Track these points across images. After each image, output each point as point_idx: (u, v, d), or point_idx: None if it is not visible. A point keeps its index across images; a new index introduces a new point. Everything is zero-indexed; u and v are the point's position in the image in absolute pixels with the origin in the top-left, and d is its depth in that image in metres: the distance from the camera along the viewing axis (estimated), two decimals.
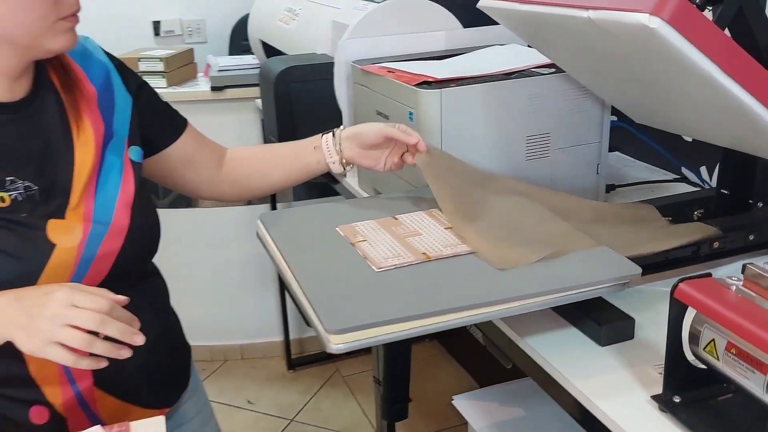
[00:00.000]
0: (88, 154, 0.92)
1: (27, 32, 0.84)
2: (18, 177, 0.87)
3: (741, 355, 0.70)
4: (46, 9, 0.84)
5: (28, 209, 0.87)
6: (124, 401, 0.98)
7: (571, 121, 1.27)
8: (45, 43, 0.86)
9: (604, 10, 0.83)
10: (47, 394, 0.92)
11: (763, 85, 0.83)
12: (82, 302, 0.79)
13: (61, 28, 0.86)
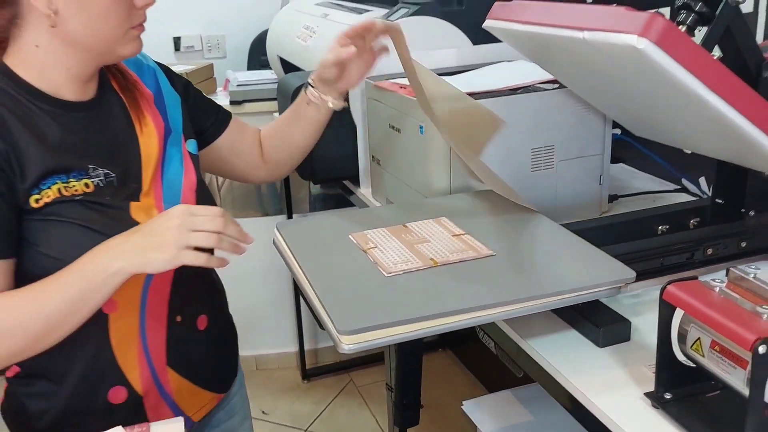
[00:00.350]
0: (153, 146, 1.03)
1: (104, 40, 0.95)
2: (98, 165, 0.97)
3: (723, 352, 0.75)
4: (122, 19, 0.94)
5: (110, 193, 0.97)
6: (190, 381, 1.08)
7: (574, 134, 1.32)
8: (117, 50, 0.97)
9: (597, 30, 0.89)
10: (128, 375, 1.02)
11: (748, 102, 0.89)
12: (200, 212, 0.90)
13: (132, 36, 0.97)
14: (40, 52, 0.94)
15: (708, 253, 1.09)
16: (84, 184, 0.95)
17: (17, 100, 0.94)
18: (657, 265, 1.07)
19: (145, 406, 1.05)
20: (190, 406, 1.11)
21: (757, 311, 0.73)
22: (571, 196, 1.35)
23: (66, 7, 0.90)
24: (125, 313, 1.00)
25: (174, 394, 1.07)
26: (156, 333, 1.04)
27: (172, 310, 1.05)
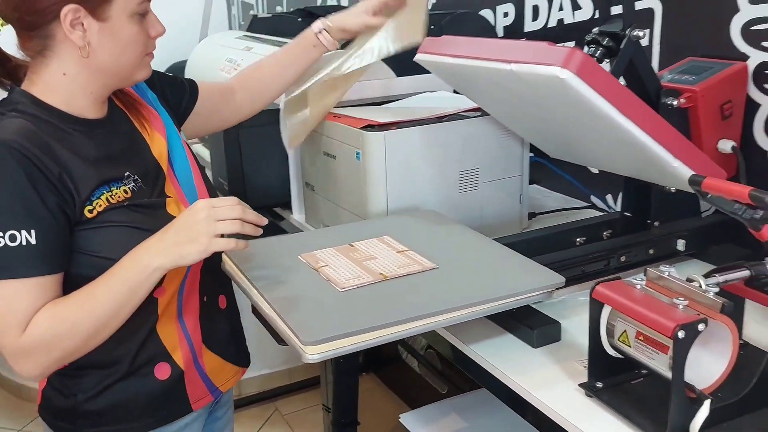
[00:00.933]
0: (161, 144, 1.15)
1: (126, 67, 1.06)
2: (130, 172, 1.07)
3: (647, 341, 0.86)
4: (141, 48, 1.05)
5: (143, 195, 1.07)
6: (221, 357, 1.20)
7: (496, 157, 1.44)
8: (134, 75, 1.09)
9: (523, 63, 1.01)
10: (172, 354, 1.12)
11: (653, 123, 1.02)
12: (221, 203, 1.00)
13: (146, 62, 1.09)
14: (67, 80, 1.04)
15: (622, 260, 1.22)
16: (123, 190, 1.05)
17: (54, 125, 1.02)
18: (578, 272, 1.19)
19: (185, 381, 1.14)
20: (219, 379, 1.21)
21: (674, 303, 0.84)
22: (495, 214, 1.46)
23: (98, 40, 1.01)
24: (169, 297, 1.10)
25: (207, 369, 1.18)
26: (191, 314, 1.15)
27: (201, 291, 1.16)
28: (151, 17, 1.07)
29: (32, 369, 0.99)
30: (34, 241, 0.95)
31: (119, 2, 1.00)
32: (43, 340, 0.96)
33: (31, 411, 2.82)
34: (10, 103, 1.03)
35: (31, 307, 0.96)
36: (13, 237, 0.94)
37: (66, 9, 0.98)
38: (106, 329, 1.00)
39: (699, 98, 1.19)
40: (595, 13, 1.57)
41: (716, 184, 0.90)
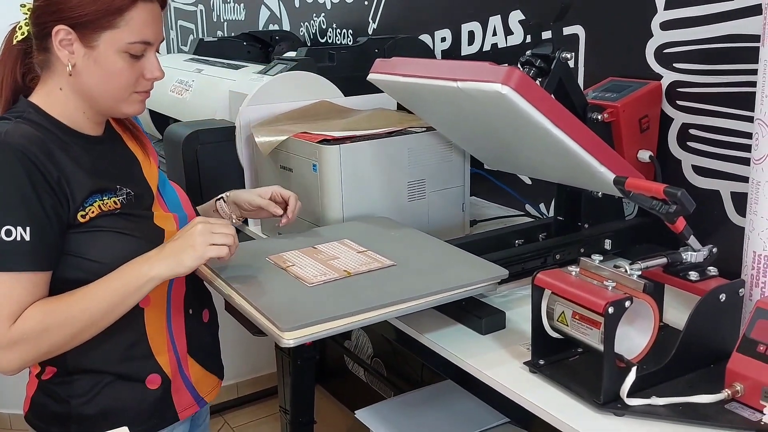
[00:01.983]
0: (153, 170, 1.20)
1: (111, 98, 1.11)
2: (121, 185, 1.14)
3: (582, 319, 0.99)
4: (129, 84, 1.10)
5: (133, 207, 1.15)
6: (202, 366, 1.27)
7: (440, 169, 1.57)
8: (121, 108, 1.13)
9: (468, 81, 1.14)
10: (160, 362, 1.19)
11: (581, 134, 1.16)
12: (214, 221, 1.11)
13: (135, 99, 1.13)
14: (63, 95, 1.12)
15: (557, 258, 1.35)
16: (113, 201, 1.12)
17: (55, 135, 1.08)
18: (519, 269, 1.32)
19: (172, 390, 1.21)
20: (203, 389, 1.28)
21: (603, 285, 0.98)
22: (440, 221, 1.59)
23: (83, 63, 1.08)
24: (156, 307, 1.16)
25: (192, 378, 1.25)
26: (177, 324, 1.22)
27: (186, 304, 1.22)
28: (150, 60, 1.12)
29: (14, 361, 1.03)
30: (29, 238, 1.01)
31: (109, 35, 1.07)
32: (32, 332, 1.02)
33: None
34: (18, 112, 1.10)
35: (21, 301, 1.02)
36: (9, 232, 1.00)
37: (57, 27, 1.06)
38: (93, 329, 1.06)
39: (620, 113, 1.35)
40: (526, 38, 1.73)
41: (636, 183, 1.05)
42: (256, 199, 1.34)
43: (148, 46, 1.11)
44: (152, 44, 1.12)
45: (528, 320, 1.18)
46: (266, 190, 1.36)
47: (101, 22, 1.06)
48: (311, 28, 2.62)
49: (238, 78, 1.90)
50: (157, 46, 1.13)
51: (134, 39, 1.08)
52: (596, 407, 0.96)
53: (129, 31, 1.07)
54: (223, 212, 1.38)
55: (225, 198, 1.39)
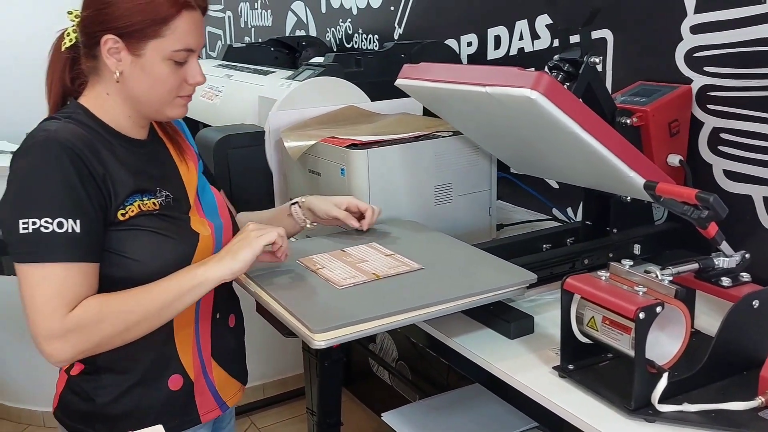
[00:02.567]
0: (192, 175, 1.26)
1: (155, 102, 1.15)
2: (161, 187, 1.17)
3: (613, 324, 0.99)
4: (172, 89, 1.14)
5: (171, 209, 1.17)
6: (226, 371, 1.28)
7: (467, 173, 1.57)
8: (165, 111, 1.18)
9: (497, 86, 1.14)
10: (183, 363, 1.20)
11: (611, 138, 1.16)
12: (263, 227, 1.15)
13: (178, 103, 1.17)
14: (110, 100, 1.15)
15: (585, 263, 1.35)
16: (152, 202, 1.15)
17: (101, 135, 1.12)
18: (547, 274, 1.32)
19: (195, 392, 1.22)
20: (226, 394, 1.28)
21: (634, 290, 0.98)
22: (466, 225, 1.59)
23: (129, 71, 1.12)
24: (187, 310, 1.16)
25: (216, 382, 1.26)
26: (204, 327, 1.23)
27: (214, 308, 1.23)
28: (193, 66, 1.15)
29: (66, 351, 1.04)
30: (79, 230, 1.04)
31: (155, 44, 1.09)
32: (88, 322, 1.04)
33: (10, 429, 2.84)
34: (67, 113, 1.14)
35: (75, 292, 1.04)
36: (61, 224, 1.03)
37: (106, 37, 1.09)
38: (146, 324, 1.08)
39: (650, 117, 1.34)
40: (553, 42, 1.73)
41: (668, 188, 1.04)
42: (333, 210, 1.34)
43: (191, 53, 1.14)
44: (195, 51, 1.14)
45: (556, 325, 1.18)
46: (342, 200, 1.35)
47: (147, 31, 1.09)
48: (337, 33, 2.63)
49: (267, 83, 1.92)
50: (198, 52, 1.16)
51: (179, 47, 1.11)
52: (627, 413, 0.96)
53: (174, 39, 1.10)
54: (298, 217, 1.38)
55: (300, 203, 1.39)
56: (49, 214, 1.03)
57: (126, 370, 1.17)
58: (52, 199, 1.04)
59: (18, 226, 1.03)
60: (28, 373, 2.83)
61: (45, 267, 1.03)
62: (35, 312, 1.03)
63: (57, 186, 1.04)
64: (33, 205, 1.03)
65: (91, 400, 1.17)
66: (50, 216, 1.03)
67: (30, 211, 1.03)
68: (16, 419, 2.90)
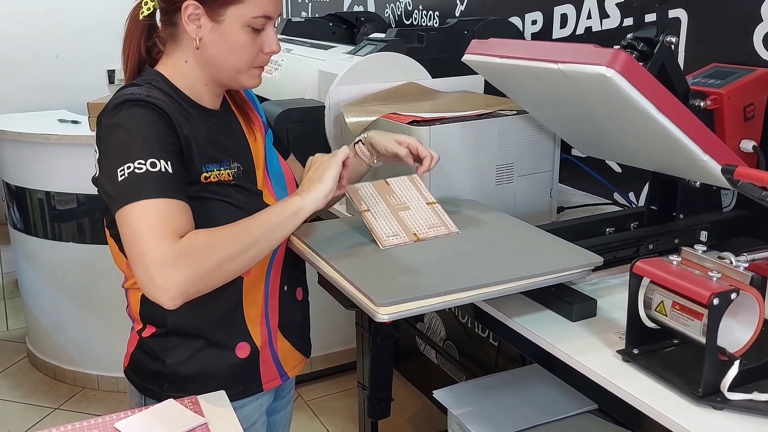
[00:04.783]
0: (260, 150, 1.28)
1: (232, 70, 1.16)
2: (233, 159, 1.19)
3: (683, 310, 0.97)
4: (249, 58, 1.15)
5: (244, 181, 1.19)
6: (290, 342, 1.31)
7: (529, 153, 1.55)
8: (241, 80, 1.18)
9: (571, 63, 1.12)
10: (251, 332, 1.23)
11: (686, 121, 1.13)
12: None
13: (253, 73, 1.18)
14: (188, 67, 1.17)
15: (650, 248, 1.32)
16: (227, 173, 1.17)
17: (179, 103, 1.14)
18: (611, 257, 1.29)
19: (260, 361, 1.26)
20: (288, 365, 1.32)
21: (708, 275, 0.95)
22: (527, 207, 1.57)
23: (209, 37, 1.13)
24: (256, 279, 1.20)
25: (279, 353, 1.29)
26: (273, 299, 1.26)
27: (282, 281, 1.28)
28: (269, 34, 1.16)
29: (179, 281, 1.00)
30: (171, 170, 1.05)
31: (234, 9, 1.11)
32: (201, 245, 1.03)
33: (66, 391, 2.93)
34: (148, 79, 1.15)
35: (181, 224, 1.04)
36: (154, 164, 1.04)
37: (187, 2, 1.11)
38: (254, 250, 1.08)
39: (724, 100, 1.30)
40: (623, 21, 1.68)
41: (748, 172, 1.01)
42: (393, 146, 1.30)
43: (269, 20, 1.15)
44: (272, 18, 1.15)
45: (619, 309, 1.17)
46: (404, 138, 1.31)
47: None
48: (396, 9, 2.62)
49: (328, 58, 1.92)
50: (275, 20, 1.16)
51: (257, 13, 1.12)
52: (694, 400, 0.94)
53: (253, 5, 1.11)
54: (362, 154, 1.37)
55: (363, 140, 1.37)
56: (142, 156, 1.04)
57: (196, 334, 1.19)
58: (143, 144, 1.05)
59: (116, 176, 1.03)
60: (84, 336, 2.92)
61: (145, 204, 1.02)
62: (145, 243, 1.00)
63: (146, 132, 1.06)
64: (126, 153, 1.04)
65: (160, 361, 1.20)
66: (142, 158, 1.03)
67: (124, 159, 1.04)
68: (71, 381, 2.99)
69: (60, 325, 2.96)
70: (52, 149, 2.73)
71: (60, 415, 2.80)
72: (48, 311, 2.97)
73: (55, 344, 3.02)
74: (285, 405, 1.44)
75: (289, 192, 1.27)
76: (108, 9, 3.52)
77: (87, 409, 2.82)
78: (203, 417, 1.08)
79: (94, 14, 3.91)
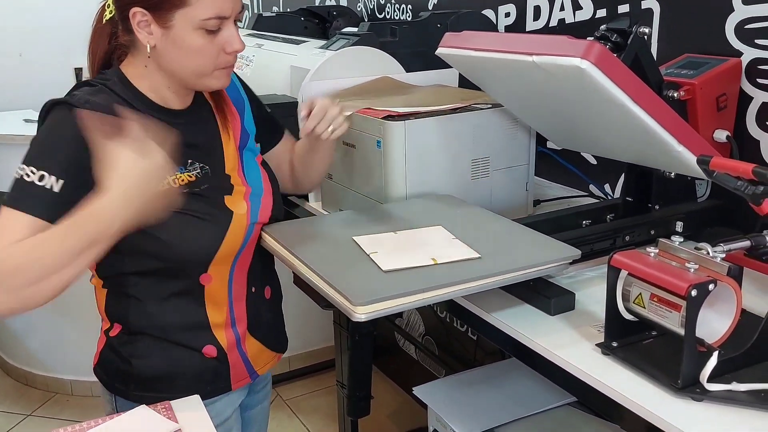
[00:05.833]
0: (233, 151, 1.24)
1: (192, 75, 1.12)
2: (194, 160, 1.16)
3: (661, 301, 0.96)
4: (209, 61, 1.10)
5: (206, 182, 1.16)
6: (262, 343, 1.29)
7: (505, 147, 1.54)
8: (205, 83, 1.15)
9: (545, 55, 1.11)
10: (217, 337, 1.21)
11: (661, 112, 1.13)
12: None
13: (218, 74, 1.12)
14: (148, 72, 1.14)
15: (626, 239, 1.32)
16: (187, 175, 1.14)
17: (134, 108, 1.11)
18: (587, 250, 1.29)
19: (229, 362, 1.24)
20: (258, 363, 1.30)
21: (685, 267, 0.95)
22: (503, 200, 1.56)
23: (162, 43, 1.09)
24: (218, 286, 1.17)
25: (249, 354, 1.27)
26: (239, 302, 1.24)
27: (249, 283, 1.25)
28: (229, 33, 1.10)
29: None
30: (58, 191, 1.01)
31: (182, 13, 1.06)
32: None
33: (38, 397, 2.87)
34: (102, 80, 1.12)
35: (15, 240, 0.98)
36: (42, 177, 1.01)
37: (134, 10, 1.07)
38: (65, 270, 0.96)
39: (697, 91, 1.31)
40: (596, 13, 1.68)
41: (723, 162, 1.01)
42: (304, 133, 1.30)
43: (224, 20, 1.10)
44: (228, 17, 1.10)
45: (597, 302, 1.17)
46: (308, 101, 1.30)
47: (172, 0, 1.06)
48: (369, 3, 2.59)
49: (300, 53, 1.89)
50: (234, 18, 1.11)
51: (208, 14, 1.07)
52: (674, 391, 0.94)
53: (202, 7, 1.07)
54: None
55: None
56: (36, 164, 1.02)
57: (160, 336, 1.18)
58: (46, 152, 1.03)
59: (16, 171, 1.03)
60: (56, 341, 2.87)
61: (16, 216, 1.00)
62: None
63: (56, 141, 1.04)
64: (29, 154, 1.04)
65: (127, 361, 1.19)
66: (36, 166, 1.02)
67: (26, 159, 1.03)
68: (43, 387, 2.93)
69: (30, 329, 2.91)
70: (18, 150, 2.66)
71: (32, 422, 2.75)
72: (18, 316, 2.91)
73: (25, 349, 2.96)
74: (261, 400, 1.43)
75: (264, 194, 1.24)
76: (72, 6, 3.45)
77: (60, 414, 2.78)
78: (176, 423, 1.06)
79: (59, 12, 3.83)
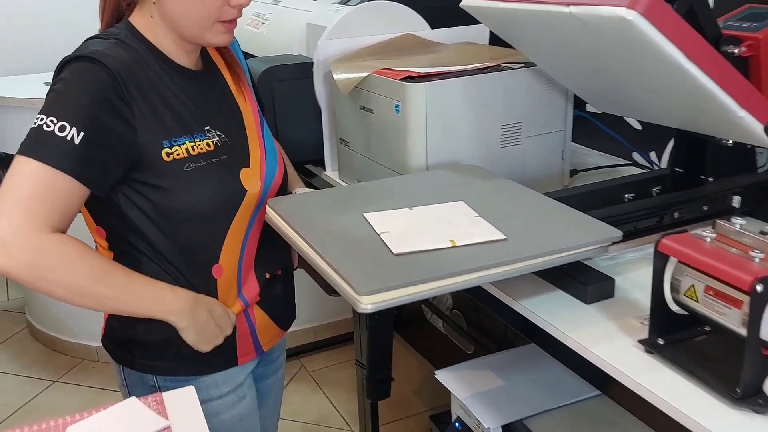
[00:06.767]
0: (251, 117, 1.19)
1: (193, 26, 1.07)
2: (212, 127, 1.11)
3: (718, 295, 0.82)
4: (212, 12, 1.06)
5: (225, 151, 1.11)
6: (269, 316, 1.25)
7: (539, 111, 1.39)
8: (205, 37, 1.09)
9: (585, 5, 0.95)
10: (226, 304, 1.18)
11: (720, 70, 0.97)
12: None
13: (219, 29, 1.09)
14: (154, 23, 1.09)
15: (675, 216, 1.17)
16: (206, 143, 1.09)
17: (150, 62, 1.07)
18: (631, 228, 1.14)
19: (236, 335, 1.19)
20: (264, 338, 1.25)
21: (749, 256, 0.80)
22: (536, 170, 1.42)
23: None
24: (228, 276, 1.16)
25: (257, 326, 1.23)
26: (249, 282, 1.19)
27: (258, 266, 1.20)
28: None
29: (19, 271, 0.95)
30: (78, 143, 0.96)
31: None
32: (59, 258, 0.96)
33: (65, 363, 2.85)
34: (115, 33, 1.07)
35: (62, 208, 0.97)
36: (63, 128, 0.96)
37: None
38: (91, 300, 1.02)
39: (762, 46, 1.13)
40: None
41: None
42: None
43: None
44: None
45: (640, 288, 1.03)
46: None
47: None
48: None
49: (317, 10, 1.75)
50: None
51: None
52: (731, 401, 0.80)
53: None
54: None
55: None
56: (56, 114, 0.97)
57: None
58: (66, 103, 0.98)
59: (34, 122, 0.98)
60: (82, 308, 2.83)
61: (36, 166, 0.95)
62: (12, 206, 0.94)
63: (79, 96, 0.98)
64: (48, 106, 0.99)
65: (132, 328, 1.14)
66: (56, 117, 0.97)
67: (44, 110, 0.98)
68: (70, 353, 2.91)
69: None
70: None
71: (59, 388, 2.73)
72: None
73: (53, 315, 2.94)
74: (275, 370, 1.37)
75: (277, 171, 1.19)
76: None
77: (86, 381, 2.75)
78: (167, 419, 0.96)
79: None
